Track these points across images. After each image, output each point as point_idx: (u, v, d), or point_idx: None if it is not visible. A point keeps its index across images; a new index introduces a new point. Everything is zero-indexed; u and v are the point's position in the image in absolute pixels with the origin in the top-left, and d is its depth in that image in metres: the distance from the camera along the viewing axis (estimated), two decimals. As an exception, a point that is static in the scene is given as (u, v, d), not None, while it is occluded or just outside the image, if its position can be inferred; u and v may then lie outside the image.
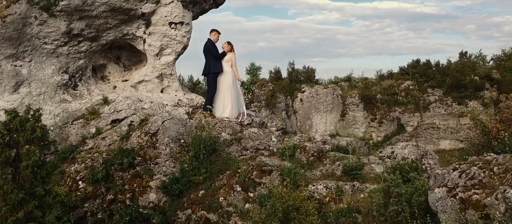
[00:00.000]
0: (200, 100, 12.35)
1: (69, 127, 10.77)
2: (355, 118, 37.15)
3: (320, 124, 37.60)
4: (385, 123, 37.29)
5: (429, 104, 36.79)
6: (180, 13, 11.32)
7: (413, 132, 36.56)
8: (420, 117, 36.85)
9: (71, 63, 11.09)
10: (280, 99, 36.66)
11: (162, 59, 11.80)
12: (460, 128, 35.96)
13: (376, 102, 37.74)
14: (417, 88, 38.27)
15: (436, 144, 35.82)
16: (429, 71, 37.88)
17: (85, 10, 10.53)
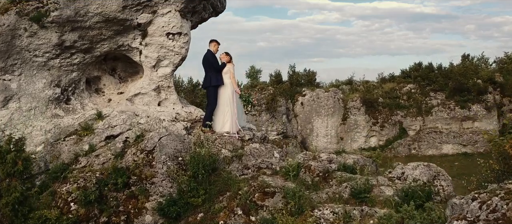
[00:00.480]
0: (199, 113, 11.78)
1: (61, 144, 10.20)
2: (357, 122, 36.60)
3: (321, 128, 37.06)
4: (387, 127, 36.75)
5: (431, 108, 36.25)
6: (178, 23, 10.75)
7: (415, 136, 36.02)
8: (422, 121, 36.31)
9: (63, 76, 10.52)
10: (280, 103, 36.10)
11: (159, 71, 11.23)
12: (463, 132, 35.44)
13: (378, 106, 37.20)
14: (419, 92, 37.73)
15: (438, 148, 35.31)
16: (432, 74, 37.32)
17: (78, 21, 9.96)
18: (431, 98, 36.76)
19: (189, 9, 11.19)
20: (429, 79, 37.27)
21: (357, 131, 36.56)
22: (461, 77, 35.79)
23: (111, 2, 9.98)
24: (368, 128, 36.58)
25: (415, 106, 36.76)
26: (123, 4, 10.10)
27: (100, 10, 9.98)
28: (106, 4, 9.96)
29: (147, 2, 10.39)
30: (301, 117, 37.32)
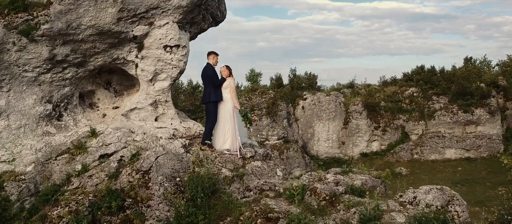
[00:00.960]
0: (198, 129, 11.21)
1: (52, 163, 9.62)
2: (359, 126, 36.05)
3: (322, 132, 36.50)
4: (389, 131, 36.21)
5: (434, 112, 35.71)
6: (176, 35, 10.17)
7: (418, 140, 35.48)
8: (425, 125, 35.77)
9: (55, 91, 9.95)
10: (281, 107, 35.54)
11: (156, 85, 10.65)
12: (466, 137, 34.89)
13: (380, 110, 36.65)
14: (422, 95, 37.19)
15: (441, 153, 34.77)
16: (434, 78, 36.79)
17: (70, 34, 9.39)
18: (433, 102, 36.21)
19: (188, 20, 10.62)
20: (431, 83, 36.73)
21: (359, 135, 36.01)
22: (464, 81, 35.24)
23: (105, 14, 9.41)
24: (370, 132, 36.03)
25: (418, 110, 36.21)
26: (117, 16, 9.52)
27: (93, 22, 9.40)
28: (99, 16, 9.39)
29: (144, 13, 9.81)
30: (302, 121, 36.76)
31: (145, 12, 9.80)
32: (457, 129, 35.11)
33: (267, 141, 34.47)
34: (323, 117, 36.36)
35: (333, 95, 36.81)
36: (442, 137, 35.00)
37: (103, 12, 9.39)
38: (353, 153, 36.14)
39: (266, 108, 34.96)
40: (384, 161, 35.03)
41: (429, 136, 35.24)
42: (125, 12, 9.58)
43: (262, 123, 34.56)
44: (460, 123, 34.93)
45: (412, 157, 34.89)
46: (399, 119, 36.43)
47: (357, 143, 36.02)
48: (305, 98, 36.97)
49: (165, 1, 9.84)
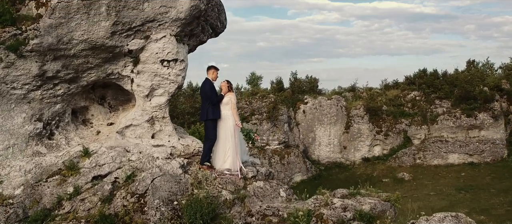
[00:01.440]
0: (197, 146, 10.64)
1: (43, 185, 9.05)
2: (360, 130, 35.51)
3: (323, 136, 35.96)
4: (391, 136, 35.67)
5: (436, 116, 35.16)
6: (173, 49, 9.60)
7: (420, 145, 34.93)
8: (427, 129, 35.22)
9: (45, 109, 9.38)
10: (282, 111, 34.99)
11: (153, 100, 10.09)
12: (469, 142, 34.33)
13: (382, 114, 36.11)
14: (424, 99, 36.66)
15: (444, 158, 34.22)
16: (437, 81, 36.24)
17: (61, 49, 8.82)
18: (436, 106, 35.67)
19: (186, 32, 10.06)
20: (434, 87, 36.19)
21: (361, 140, 35.46)
22: (467, 85, 34.69)
23: (98, 28, 8.84)
24: (371, 137, 35.48)
25: (420, 114, 35.67)
26: (111, 29, 8.95)
27: (85, 36, 8.83)
28: (92, 30, 8.82)
29: (139, 27, 9.25)
30: (303, 126, 36.20)
31: (140, 25, 9.24)
32: (460, 133, 34.56)
33: (268, 146, 33.96)
34: (324, 121, 35.80)
35: (335, 99, 36.26)
36: (445, 141, 34.44)
37: (96, 25, 8.83)
38: (354, 158, 35.60)
39: (266, 113, 34.42)
40: (386, 166, 34.51)
41: (432, 140, 34.68)
42: (119, 26, 9.02)
43: (263, 128, 34.00)
44: (463, 128, 34.37)
45: (414, 162, 34.33)
46: (401, 124, 35.88)
47: (359, 148, 35.47)
48: (306, 102, 36.42)
49: (162, 13, 9.28)
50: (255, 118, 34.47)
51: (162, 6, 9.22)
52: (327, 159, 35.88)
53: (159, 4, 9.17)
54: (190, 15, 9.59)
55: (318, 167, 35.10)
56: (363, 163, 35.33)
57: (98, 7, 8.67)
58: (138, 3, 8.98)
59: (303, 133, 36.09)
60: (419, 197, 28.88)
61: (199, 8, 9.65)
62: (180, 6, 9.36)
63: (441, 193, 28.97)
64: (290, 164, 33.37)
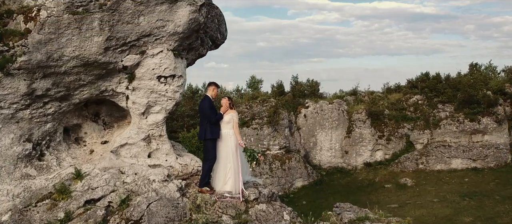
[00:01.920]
0: (196, 164, 10.10)
1: (32, 210, 8.51)
2: (362, 135, 34.94)
3: (325, 141, 35.40)
4: (393, 140, 35.09)
5: (439, 120, 34.56)
6: (171, 64, 9.06)
7: (423, 150, 34.35)
8: (430, 134, 34.62)
9: (35, 128, 8.83)
10: (283, 116, 34.43)
11: (149, 118, 9.54)
12: (472, 146, 33.75)
13: (384, 118, 35.53)
14: (427, 103, 36.07)
15: (447, 163, 33.63)
16: (439, 85, 35.63)
17: (51, 66, 8.26)
18: (439, 110, 35.08)
19: (184, 46, 9.50)
20: (436, 90, 35.60)
21: (363, 144, 34.90)
22: (470, 89, 34.09)
23: (90, 44, 8.29)
24: (373, 141, 34.92)
25: (423, 118, 35.08)
26: (105, 45, 8.40)
27: (77, 53, 8.28)
28: (84, 46, 8.26)
29: (134, 41, 8.69)
30: (304, 130, 35.64)
31: (136, 40, 8.69)
32: (463, 138, 33.98)
33: (269, 151, 33.41)
34: (325, 125, 35.24)
35: (336, 103, 35.69)
36: (448, 146, 33.86)
37: (89, 41, 8.27)
38: (356, 163, 35.04)
39: (267, 117, 33.86)
40: (388, 171, 33.95)
41: (435, 145, 34.10)
42: (113, 41, 8.47)
43: (263, 133, 33.45)
44: (466, 132, 33.79)
45: (417, 167, 33.75)
46: (403, 128, 35.31)
47: (360, 153, 34.91)
48: (307, 106, 35.85)
49: (158, 27, 8.73)
50: (256, 123, 33.93)
51: (159, 20, 8.67)
52: (329, 164, 35.33)
53: (155, 18, 8.62)
54: (189, 29, 9.04)
55: (320, 172, 34.55)
56: (365, 168, 34.76)
57: (91, 21, 8.12)
58: (133, 17, 8.43)
59: (304, 137, 35.54)
60: (422, 204, 28.35)
61: (198, 21, 9.10)
62: (178, 19, 8.81)
63: (445, 200, 28.42)
64: (291, 170, 32.82)
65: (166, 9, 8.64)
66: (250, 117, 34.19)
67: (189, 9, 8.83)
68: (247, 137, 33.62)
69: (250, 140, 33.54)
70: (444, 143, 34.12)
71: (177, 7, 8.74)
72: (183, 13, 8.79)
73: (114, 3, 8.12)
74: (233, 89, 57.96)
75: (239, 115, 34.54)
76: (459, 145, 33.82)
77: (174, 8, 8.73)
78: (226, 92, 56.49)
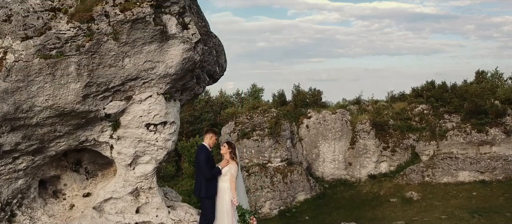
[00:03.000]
0: (191, 219, 8.85)
1: None
2: (366, 146, 33.73)
3: (328, 152, 34.19)
4: (398, 151, 33.89)
5: (446, 131, 33.34)
6: (161, 110, 7.81)
7: (429, 162, 33.14)
8: (436, 145, 33.41)
9: (4, 187, 7.57)
10: (284, 127, 33.19)
11: (137, 169, 8.29)
12: (480, 158, 32.53)
13: (388, 129, 34.33)
14: (432, 113, 34.87)
15: (454, 176, 32.44)
16: (445, 94, 34.40)
17: (20, 118, 7.00)
18: (445, 121, 33.86)
19: (177, 88, 8.24)
20: (443, 100, 34.37)
21: (367, 156, 33.69)
22: (478, 98, 32.86)
23: (66, 92, 7.03)
24: (378, 153, 33.71)
25: (428, 129, 33.86)
26: (83, 92, 7.14)
27: (51, 102, 7.02)
28: (59, 95, 7.00)
29: (119, 86, 7.43)
30: (306, 141, 34.41)
31: (120, 84, 7.42)
32: (471, 150, 32.76)
33: (270, 164, 32.20)
34: (328, 136, 34.01)
35: (339, 113, 34.46)
36: (455, 158, 32.65)
37: (64, 89, 7.01)
38: (360, 175, 33.84)
39: (268, 128, 32.61)
40: (393, 184, 32.75)
41: (441, 157, 32.88)
42: (93, 87, 7.20)
43: (264, 145, 32.20)
44: (473, 144, 32.57)
45: (423, 179, 32.55)
46: (408, 139, 34.09)
47: (364, 164, 33.70)
48: (310, 116, 34.61)
49: (146, 70, 7.46)
50: (256, 134, 32.68)
51: (147, 62, 7.41)
52: (332, 176, 34.12)
53: (143, 59, 7.36)
54: (182, 69, 7.78)
55: (322, 184, 33.35)
56: (369, 180, 33.57)
57: (66, 66, 6.86)
58: (116, 59, 7.16)
59: (307, 149, 34.31)
60: (430, 221, 27.15)
61: (194, 60, 7.85)
62: (170, 60, 7.55)
63: (453, 216, 27.22)
64: (293, 183, 31.59)
65: (155, 49, 7.38)
66: (250, 128, 32.95)
67: (183, 48, 7.57)
68: (247, 149, 32.42)
69: (251, 152, 32.32)
70: (450, 155, 32.91)
71: (168, 46, 7.49)
72: (175, 52, 7.53)
73: (93, 45, 6.86)
74: (234, 93, 56.79)
75: (240, 126, 33.30)
76: (466, 157, 32.62)
77: (165, 47, 7.47)
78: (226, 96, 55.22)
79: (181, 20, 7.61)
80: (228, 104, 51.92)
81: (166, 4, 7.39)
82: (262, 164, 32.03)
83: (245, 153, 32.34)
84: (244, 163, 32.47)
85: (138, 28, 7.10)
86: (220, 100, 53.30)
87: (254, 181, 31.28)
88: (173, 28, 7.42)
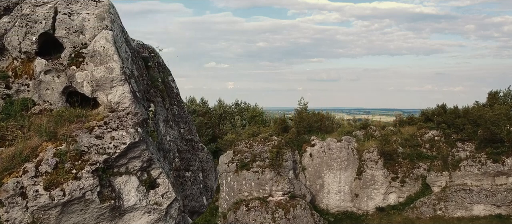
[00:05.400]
0: None
1: None
2: (374, 177, 31.10)
3: (333, 183, 31.57)
4: (408, 182, 31.26)
5: (459, 161, 30.71)
6: None
7: (441, 194, 30.54)
8: (448, 176, 30.79)
9: None
10: (286, 156, 30.55)
11: None
12: (496, 190, 29.93)
13: (397, 157, 31.67)
14: (444, 140, 32.20)
15: (468, 209, 29.84)
16: (458, 120, 31.73)
17: None
18: (458, 149, 31.23)
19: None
20: (454, 126, 31.73)
21: (375, 187, 31.08)
22: (493, 126, 30.20)
23: None
24: (386, 184, 31.09)
25: (440, 158, 31.24)
26: None
27: None
28: None
29: None
30: (310, 171, 31.80)
31: None
32: (486, 181, 30.17)
33: (271, 197, 29.64)
34: (333, 166, 31.40)
35: (345, 140, 31.82)
36: (469, 190, 30.06)
37: None
38: (367, 207, 31.26)
39: (269, 159, 30.01)
40: (403, 218, 30.19)
41: (454, 189, 30.30)
42: None
43: (265, 177, 29.60)
44: (489, 174, 29.97)
45: (435, 213, 29.98)
46: (419, 168, 31.48)
47: (372, 196, 31.11)
48: (313, 144, 31.97)
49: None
50: (257, 165, 30.06)
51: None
52: (337, 208, 31.54)
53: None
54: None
55: (327, 218, 30.78)
56: (377, 213, 31.00)
57: None
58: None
59: (310, 179, 31.71)
60: (445, 266, 24.66)
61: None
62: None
63: (470, 259, 24.75)
64: (296, 219, 29.01)
65: (103, 233, 4.77)
66: (250, 158, 30.34)
67: (147, 221, 4.97)
68: (247, 181, 29.83)
69: (251, 185, 29.73)
70: (464, 187, 30.32)
71: (124, 222, 4.88)
72: (135, 230, 4.92)
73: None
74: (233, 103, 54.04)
75: (239, 155, 30.74)
76: (481, 189, 30.04)
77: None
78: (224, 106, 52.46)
79: (145, 176, 5.01)
80: (227, 115, 49.38)
81: (120, 163, 4.78)
82: (263, 198, 29.47)
83: (244, 186, 29.78)
84: (243, 196, 29.96)
85: (74, 211, 4.49)
86: (219, 111, 50.73)
87: (254, 217, 28.74)
88: (132, 196, 4.83)
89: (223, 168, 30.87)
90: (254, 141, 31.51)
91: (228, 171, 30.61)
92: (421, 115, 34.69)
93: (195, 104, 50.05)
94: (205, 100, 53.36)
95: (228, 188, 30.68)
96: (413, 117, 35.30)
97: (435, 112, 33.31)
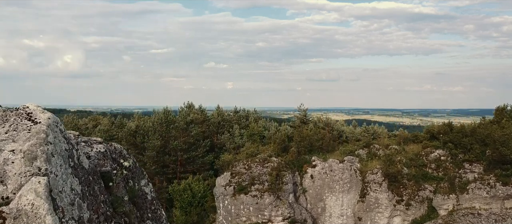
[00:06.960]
0: None
1: None
2: (378, 200, 29.47)
3: (335, 206, 29.94)
4: (413, 205, 29.63)
5: (467, 183, 29.09)
6: None
7: (448, 218, 28.86)
8: (456, 199, 29.15)
9: None
10: (286, 179, 28.92)
11: None
12: (506, 214, 28.29)
13: (402, 178, 30.06)
14: (450, 160, 30.59)
15: (477, 234, 28.21)
16: (465, 140, 30.10)
17: None
18: (466, 171, 29.62)
19: None
20: (462, 146, 30.11)
21: (379, 210, 29.46)
22: (502, 147, 28.58)
23: None
24: (391, 207, 29.47)
25: (447, 179, 29.63)
26: None
27: None
28: None
29: None
30: (311, 193, 30.17)
31: None
32: (495, 204, 28.57)
33: (270, 223, 28.00)
34: (335, 188, 29.78)
35: (347, 161, 30.19)
36: (477, 214, 28.44)
37: None
38: (371, 232, 29.66)
39: (268, 182, 28.37)
40: (408, 243, 28.61)
41: (462, 213, 28.67)
42: None
43: (264, 202, 27.97)
44: (498, 198, 28.37)
45: (441, 238, 28.36)
46: (425, 189, 29.88)
47: (376, 220, 29.50)
48: (315, 165, 30.34)
49: None
50: (255, 189, 28.44)
51: None
52: (339, 232, 29.94)
53: None
54: None
55: (329, 243, 29.17)
56: (381, 237, 29.39)
57: None
58: None
59: (311, 202, 30.09)
60: None
61: None
62: None
63: None
64: (296, 247, 27.43)
65: None
66: (248, 181, 28.71)
67: None
68: (245, 206, 28.20)
69: (249, 209, 28.10)
70: (472, 211, 28.69)
71: None
72: None
73: None
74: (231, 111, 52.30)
75: (236, 178, 29.08)
76: (490, 213, 28.40)
77: None
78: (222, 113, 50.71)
79: None
80: (226, 123, 47.68)
81: None
82: (262, 224, 27.85)
83: (242, 210, 28.15)
84: (241, 221, 28.32)
85: None
86: (217, 119, 49.04)
87: (252, 246, 27.15)
88: None
89: (220, 191, 29.25)
90: (252, 162, 29.87)
91: (225, 194, 28.97)
92: (426, 132, 33.07)
93: (193, 112, 48.31)
94: (203, 108, 51.67)
95: (225, 212, 29.04)
96: (418, 134, 33.65)
97: (440, 130, 31.67)
